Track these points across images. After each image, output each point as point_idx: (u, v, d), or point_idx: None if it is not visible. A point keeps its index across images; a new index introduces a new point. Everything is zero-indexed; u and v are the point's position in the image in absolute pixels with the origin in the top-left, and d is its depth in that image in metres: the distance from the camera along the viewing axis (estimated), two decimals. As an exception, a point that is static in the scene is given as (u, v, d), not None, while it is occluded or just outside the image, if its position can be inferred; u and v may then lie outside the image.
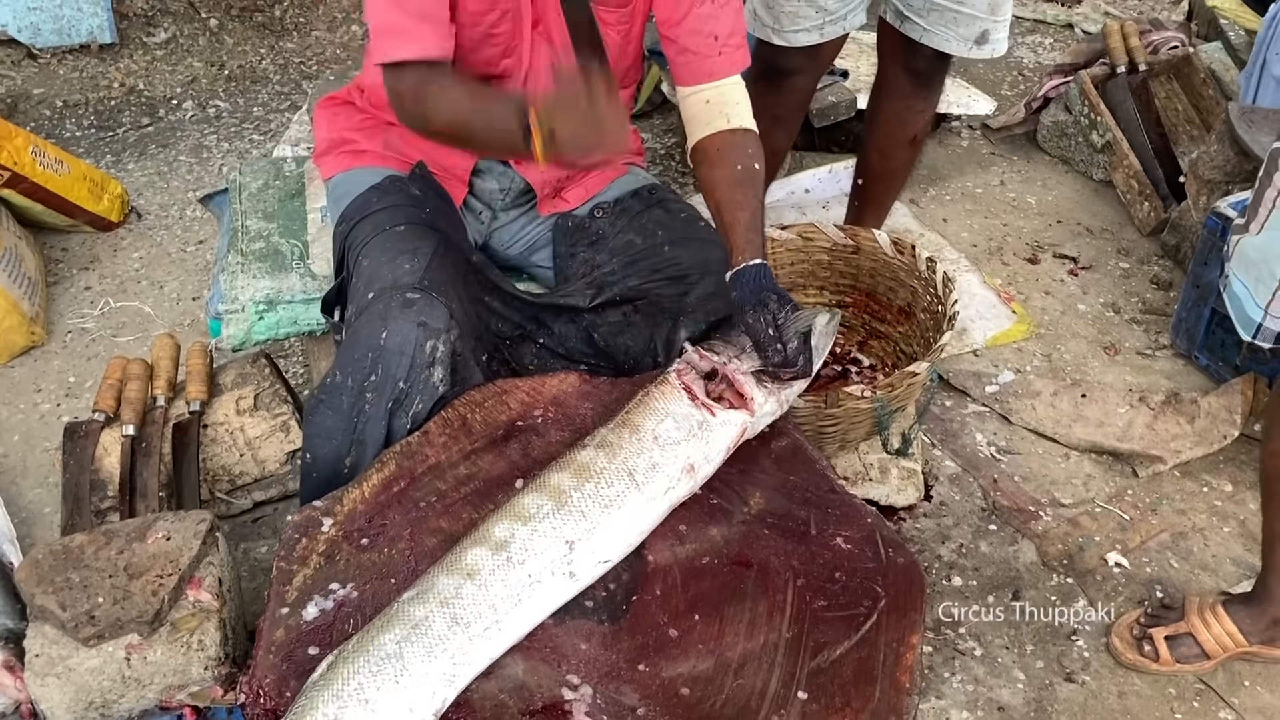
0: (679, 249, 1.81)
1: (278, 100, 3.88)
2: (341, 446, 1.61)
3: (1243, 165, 2.70)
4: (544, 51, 1.77)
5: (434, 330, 1.59)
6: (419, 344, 1.58)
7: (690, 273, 1.79)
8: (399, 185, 1.81)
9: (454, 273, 1.69)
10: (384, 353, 1.57)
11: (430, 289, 1.61)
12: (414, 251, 1.67)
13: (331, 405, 1.60)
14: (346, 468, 1.61)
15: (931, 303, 2.19)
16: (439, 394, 1.61)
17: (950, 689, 1.86)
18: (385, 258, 1.67)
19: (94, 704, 1.51)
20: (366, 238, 1.74)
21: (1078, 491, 2.26)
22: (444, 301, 1.61)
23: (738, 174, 1.74)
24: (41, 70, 3.89)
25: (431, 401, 1.61)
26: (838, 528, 1.47)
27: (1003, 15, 2.30)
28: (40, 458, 2.36)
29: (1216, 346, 2.52)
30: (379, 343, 1.57)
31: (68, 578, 1.53)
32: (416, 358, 1.58)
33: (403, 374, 1.58)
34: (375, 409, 1.59)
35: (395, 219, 1.74)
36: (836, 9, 2.27)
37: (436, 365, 1.60)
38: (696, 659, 1.29)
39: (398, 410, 1.60)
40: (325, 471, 1.62)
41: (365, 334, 1.59)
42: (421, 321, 1.58)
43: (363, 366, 1.58)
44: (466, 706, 1.24)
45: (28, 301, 2.65)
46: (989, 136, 3.61)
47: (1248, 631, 1.82)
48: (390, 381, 1.58)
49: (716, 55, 1.78)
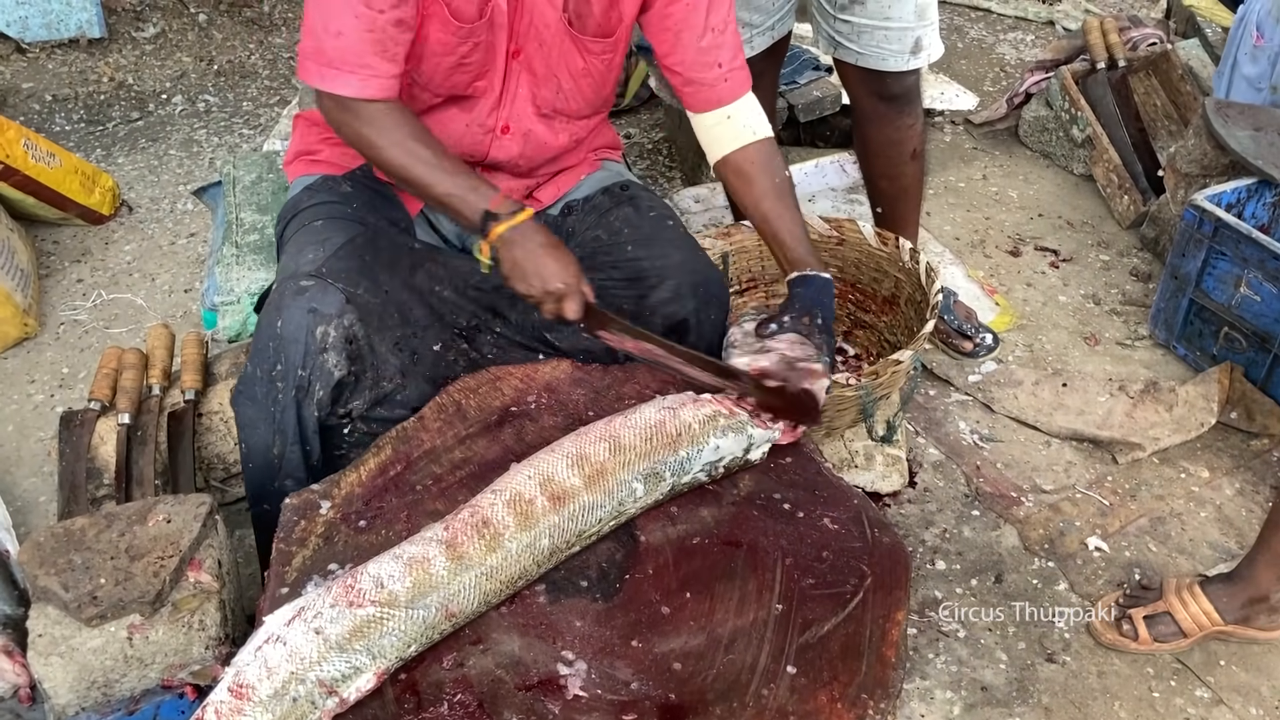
0: (641, 249, 1.80)
1: (267, 95, 3.89)
2: (266, 436, 1.62)
3: (1219, 159, 2.75)
4: (524, 81, 1.77)
5: (324, 316, 1.59)
6: (310, 330, 1.58)
7: (649, 275, 1.77)
8: (330, 184, 1.83)
9: (370, 261, 1.67)
10: (281, 341, 1.59)
11: (326, 276, 1.61)
12: (322, 243, 1.68)
13: (249, 396, 1.62)
14: (275, 456, 1.63)
15: (915, 292, 2.23)
16: (335, 379, 1.61)
17: (934, 669, 1.90)
18: (295, 249, 1.70)
19: (97, 683, 1.53)
20: (290, 234, 1.76)
21: (1059, 478, 2.31)
22: (340, 287, 1.61)
23: (778, 185, 1.80)
24: (30, 65, 3.90)
25: (329, 387, 1.61)
26: (825, 509, 1.50)
27: (930, 19, 2.24)
28: (34, 447, 2.38)
29: (1194, 336, 2.57)
30: (276, 331, 1.59)
31: (70, 559, 1.55)
32: (309, 344, 1.58)
33: (299, 361, 1.59)
34: (285, 398, 1.60)
35: (316, 215, 1.76)
36: (762, 21, 2.29)
37: (329, 351, 1.60)
38: (688, 635, 1.32)
39: (304, 399, 1.61)
40: (259, 460, 1.64)
41: (265, 324, 1.61)
42: (312, 308, 1.59)
43: (266, 356, 1.60)
44: (464, 682, 1.26)
45: (20, 293, 2.66)
46: (971, 131, 3.65)
47: (1223, 610, 1.87)
48: (291, 370, 1.59)
49: (723, 82, 1.80)
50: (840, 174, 3.24)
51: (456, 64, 1.71)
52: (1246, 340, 2.44)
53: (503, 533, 1.33)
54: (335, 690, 1.20)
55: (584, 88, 1.82)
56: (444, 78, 1.72)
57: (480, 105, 1.78)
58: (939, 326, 2.61)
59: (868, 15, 2.19)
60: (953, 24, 4.52)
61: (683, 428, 1.46)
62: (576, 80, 1.80)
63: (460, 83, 1.74)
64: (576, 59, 1.77)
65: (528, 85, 1.77)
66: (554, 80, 1.78)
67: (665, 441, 1.45)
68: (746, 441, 1.50)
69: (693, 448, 1.45)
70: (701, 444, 1.46)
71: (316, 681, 1.19)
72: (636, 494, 1.43)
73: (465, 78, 1.74)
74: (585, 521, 1.39)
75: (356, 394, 1.66)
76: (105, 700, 1.55)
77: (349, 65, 1.56)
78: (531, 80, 1.77)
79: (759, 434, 1.51)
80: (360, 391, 1.66)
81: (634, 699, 1.24)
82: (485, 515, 1.35)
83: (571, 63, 1.77)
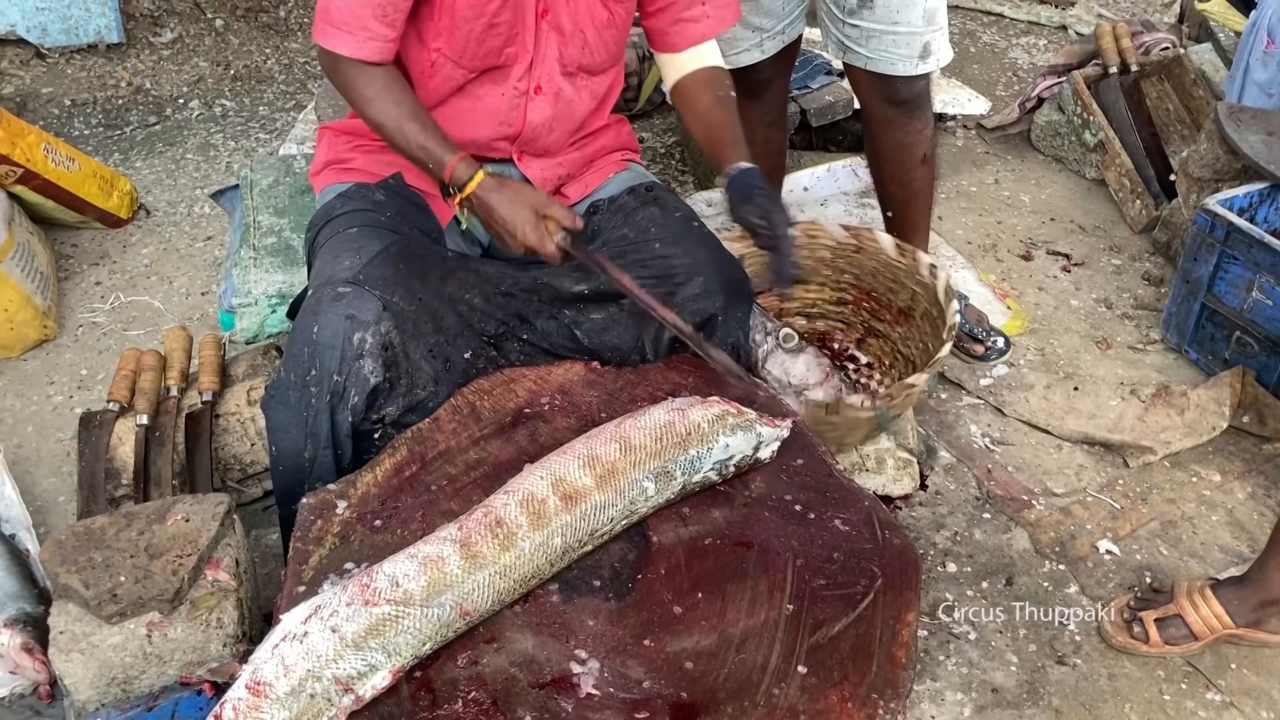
0: (670, 247, 1.82)
1: (283, 99, 3.92)
2: (298, 440, 1.64)
3: (1232, 164, 2.76)
4: (553, 40, 1.81)
5: (362, 322, 1.62)
6: (347, 336, 1.61)
7: (678, 272, 1.79)
8: (363, 192, 1.85)
9: (405, 269, 1.70)
10: (317, 347, 1.61)
11: (364, 283, 1.64)
12: (358, 250, 1.70)
13: (281, 400, 1.64)
14: (307, 460, 1.65)
15: (931, 307, 2.22)
16: (370, 385, 1.64)
17: (945, 671, 1.91)
18: (330, 256, 1.72)
19: (116, 679, 1.55)
20: (324, 241, 1.79)
21: (1070, 481, 2.31)
22: (377, 294, 1.64)
23: (718, 99, 1.91)
24: (50, 70, 3.94)
25: (364, 393, 1.64)
26: (836, 510, 1.51)
27: (939, 24, 2.24)
28: (54, 448, 2.40)
29: (1206, 341, 2.57)
30: (312, 337, 1.61)
31: (90, 557, 1.57)
32: (346, 350, 1.61)
33: (335, 366, 1.61)
34: (319, 403, 1.62)
35: (351, 222, 1.78)
36: (771, 26, 2.30)
37: (365, 357, 1.62)
38: (700, 634, 1.33)
39: (338, 404, 1.63)
40: (289, 464, 1.66)
41: (300, 329, 1.63)
42: (349, 314, 1.61)
43: (301, 361, 1.62)
44: (478, 679, 1.28)
45: (40, 296, 2.69)
46: (984, 136, 3.66)
47: (1234, 613, 1.87)
48: (326, 375, 1.61)
49: (706, 19, 1.91)
50: (852, 178, 3.25)
51: (488, 26, 1.75)
52: (1258, 344, 2.44)
53: (516, 532, 1.34)
54: (351, 688, 1.22)
55: (607, 40, 1.86)
56: (476, 44, 1.76)
57: (513, 72, 1.82)
58: (951, 330, 2.61)
59: (876, 20, 2.20)
60: (965, 29, 4.53)
61: (692, 427, 1.47)
62: (601, 33, 1.84)
63: (493, 49, 1.78)
64: (601, 10, 1.82)
65: (556, 45, 1.82)
66: (580, 36, 1.82)
67: (675, 441, 1.46)
68: (755, 440, 1.51)
69: (702, 447, 1.47)
70: (711, 443, 1.47)
71: (333, 679, 1.21)
72: (648, 493, 1.44)
73: (497, 42, 1.77)
74: (597, 521, 1.40)
75: (390, 400, 1.68)
76: (124, 697, 1.57)
77: (349, 26, 1.69)
78: (560, 40, 1.81)
79: (767, 432, 1.52)
80: (394, 398, 1.68)
81: (646, 697, 1.26)
82: (499, 515, 1.36)
83: (596, 15, 1.82)
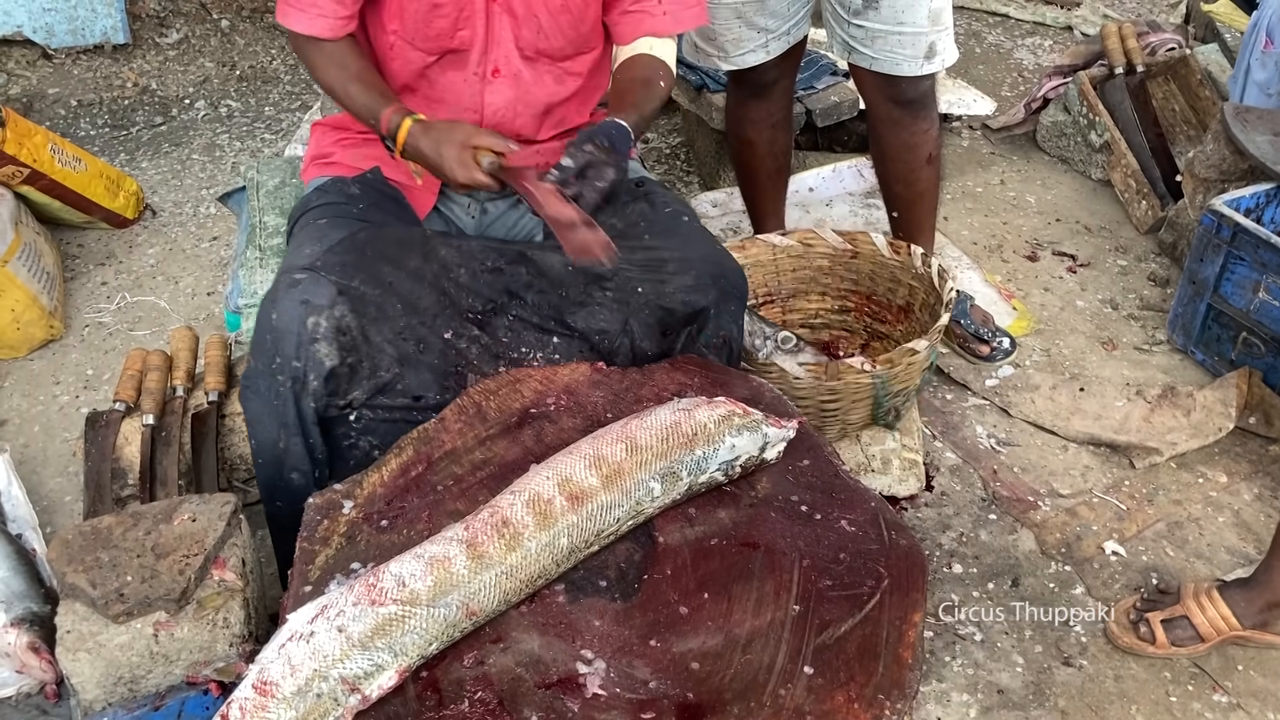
0: (659, 239, 1.82)
1: (288, 100, 3.93)
2: (272, 430, 1.66)
3: (1238, 164, 2.75)
4: (506, 23, 1.83)
5: (315, 307, 1.63)
6: (301, 321, 1.62)
7: (669, 263, 1.78)
8: (338, 185, 1.88)
9: (372, 254, 1.71)
10: (276, 333, 1.62)
11: (320, 269, 1.66)
12: (321, 238, 1.72)
13: (254, 390, 1.65)
14: (281, 450, 1.66)
15: (929, 297, 2.24)
16: (326, 369, 1.64)
17: (951, 672, 1.90)
18: (295, 246, 1.75)
19: (123, 679, 1.56)
20: (296, 232, 1.82)
21: (1076, 482, 2.31)
22: (333, 279, 1.65)
23: (641, 77, 1.90)
24: (56, 70, 3.95)
25: (322, 377, 1.64)
26: (842, 511, 1.51)
27: (944, 24, 2.24)
28: (60, 448, 2.41)
29: (1212, 341, 2.57)
30: (271, 323, 1.63)
31: (97, 557, 1.57)
32: (301, 334, 1.62)
33: (293, 352, 1.62)
34: (285, 390, 1.63)
35: (322, 214, 1.81)
36: (777, 26, 2.30)
37: (320, 341, 1.63)
38: (706, 635, 1.33)
39: (300, 391, 1.63)
40: (268, 455, 1.67)
41: (261, 317, 1.65)
42: (304, 299, 1.62)
43: (265, 348, 1.63)
44: (484, 679, 1.28)
45: (46, 296, 2.70)
46: (989, 136, 3.66)
47: (1241, 615, 1.87)
48: (287, 361, 1.62)
49: (662, 14, 1.90)
50: (858, 178, 3.25)
51: (431, 6, 1.78)
52: (1265, 345, 2.44)
53: (522, 532, 1.34)
54: (358, 687, 1.22)
55: (563, 24, 1.86)
56: (424, 25, 1.80)
57: (471, 56, 1.85)
58: (956, 330, 2.61)
59: (881, 20, 2.20)
60: (970, 29, 4.53)
61: (698, 428, 1.47)
62: (555, 17, 1.84)
63: (442, 30, 1.81)
64: None
65: (510, 28, 1.84)
66: (534, 20, 1.83)
67: (681, 441, 1.46)
68: (762, 440, 1.51)
69: (709, 447, 1.46)
70: (717, 443, 1.47)
71: (339, 679, 1.21)
72: (654, 493, 1.44)
73: (444, 24, 1.80)
74: (603, 521, 1.40)
75: (354, 384, 1.68)
76: (131, 696, 1.57)
77: (302, 4, 1.78)
78: (513, 23, 1.83)
79: (773, 433, 1.52)
80: (358, 382, 1.69)
81: (652, 698, 1.26)
82: (505, 515, 1.36)
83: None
